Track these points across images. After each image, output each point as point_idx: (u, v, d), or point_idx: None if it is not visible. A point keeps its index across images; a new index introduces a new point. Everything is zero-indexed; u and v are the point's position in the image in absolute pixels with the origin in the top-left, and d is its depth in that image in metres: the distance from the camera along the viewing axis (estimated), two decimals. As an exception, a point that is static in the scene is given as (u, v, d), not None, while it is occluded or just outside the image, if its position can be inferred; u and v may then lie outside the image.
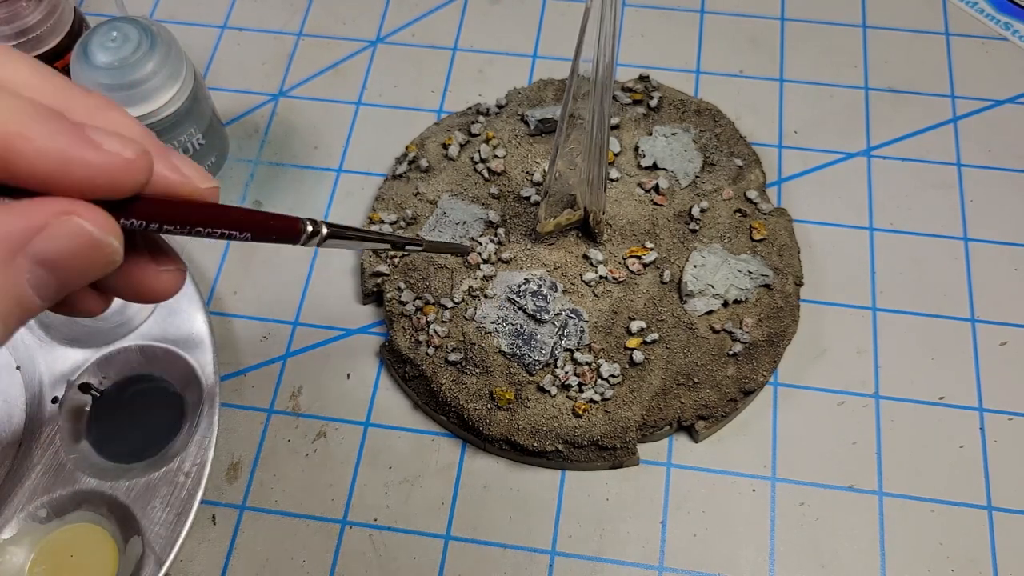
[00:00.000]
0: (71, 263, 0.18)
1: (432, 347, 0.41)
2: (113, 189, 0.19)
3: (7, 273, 0.18)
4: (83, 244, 0.18)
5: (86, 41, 0.39)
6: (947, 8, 0.53)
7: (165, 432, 0.40)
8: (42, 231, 0.18)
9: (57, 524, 0.38)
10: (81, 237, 0.18)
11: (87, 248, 0.18)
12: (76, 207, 0.18)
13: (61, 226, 0.18)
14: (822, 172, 0.48)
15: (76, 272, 0.19)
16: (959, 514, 0.39)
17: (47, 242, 0.18)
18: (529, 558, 0.38)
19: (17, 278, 0.18)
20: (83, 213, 0.18)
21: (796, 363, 0.42)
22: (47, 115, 0.18)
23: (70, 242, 0.18)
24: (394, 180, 0.46)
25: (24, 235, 0.18)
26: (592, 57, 0.32)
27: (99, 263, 0.19)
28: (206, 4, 0.55)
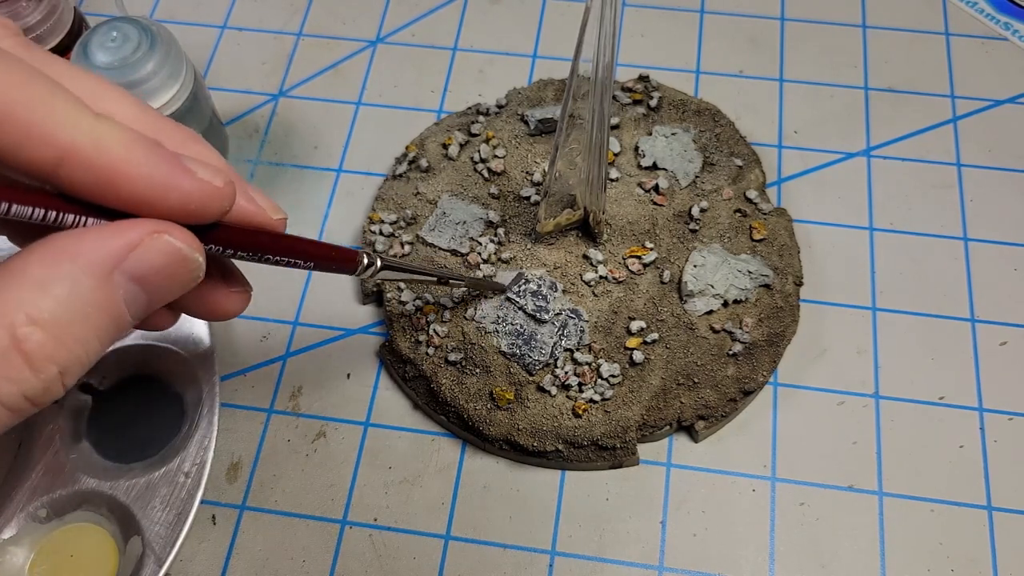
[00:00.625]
0: (161, 279, 0.20)
1: (432, 347, 0.41)
2: (201, 215, 0.20)
3: (104, 289, 0.19)
4: (173, 260, 0.20)
5: (86, 41, 0.39)
6: (947, 8, 0.53)
7: (165, 432, 0.40)
8: (136, 249, 0.19)
9: (57, 524, 0.38)
10: (172, 254, 0.20)
11: (176, 264, 0.20)
12: (166, 227, 0.19)
13: (154, 243, 0.19)
14: (822, 172, 0.48)
15: (165, 288, 0.20)
16: (959, 514, 0.39)
17: (141, 259, 0.19)
18: (529, 558, 0.38)
19: (113, 294, 0.19)
20: (173, 232, 0.20)
21: (796, 363, 0.42)
22: (149, 143, 0.19)
23: (161, 258, 0.19)
24: (394, 180, 0.46)
25: (121, 252, 0.19)
26: (592, 57, 0.32)
27: (185, 279, 0.20)
28: (206, 4, 0.55)
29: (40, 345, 0.18)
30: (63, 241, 0.19)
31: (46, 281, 0.18)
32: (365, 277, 0.30)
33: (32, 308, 0.18)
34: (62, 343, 0.18)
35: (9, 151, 0.18)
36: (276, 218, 0.24)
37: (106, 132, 0.18)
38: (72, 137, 0.18)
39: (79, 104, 0.19)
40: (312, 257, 0.26)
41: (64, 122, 0.18)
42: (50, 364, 0.18)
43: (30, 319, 0.18)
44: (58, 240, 0.19)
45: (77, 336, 0.18)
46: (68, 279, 0.18)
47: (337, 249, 0.28)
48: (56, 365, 0.18)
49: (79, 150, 0.18)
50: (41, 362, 0.18)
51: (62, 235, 0.19)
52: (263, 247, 0.24)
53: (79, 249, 0.18)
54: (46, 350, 0.18)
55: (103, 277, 0.19)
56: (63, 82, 0.20)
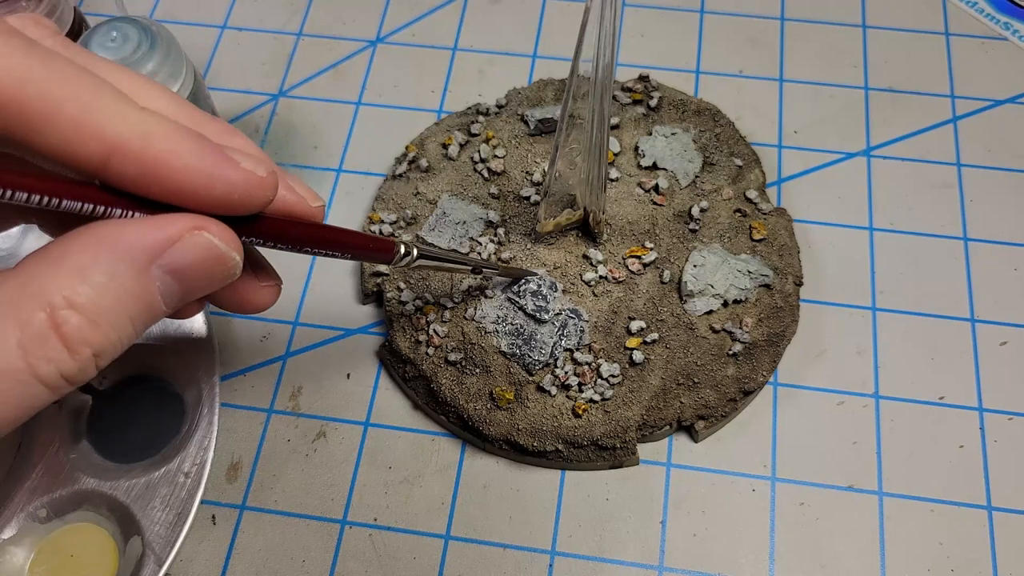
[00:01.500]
0: (197, 274, 0.20)
1: (432, 347, 0.41)
2: (245, 205, 0.21)
3: (142, 279, 0.19)
4: (210, 257, 0.20)
5: (86, 41, 0.39)
6: (947, 8, 0.53)
7: (165, 432, 0.40)
8: (175, 243, 0.19)
9: (57, 524, 0.38)
10: (210, 251, 0.20)
11: (213, 261, 0.20)
12: (206, 223, 0.20)
13: (192, 239, 0.20)
14: (822, 172, 0.48)
15: (201, 283, 0.21)
16: (959, 514, 0.39)
17: (179, 253, 0.20)
18: (529, 558, 0.38)
19: (150, 285, 0.20)
20: (212, 229, 0.20)
21: (796, 363, 0.42)
22: (194, 135, 0.20)
23: (199, 254, 0.20)
24: (394, 180, 0.46)
25: (160, 246, 0.19)
26: (592, 57, 0.32)
27: (221, 276, 0.21)
28: (206, 4, 0.55)
29: (77, 328, 0.18)
30: (104, 230, 0.19)
31: (86, 268, 0.18)
32: (401, 267, 0.30)
33: (71, 292, 0.18)
34: (98, 327, 0.19)
35: (60, 148, 0.18)
36: (315, 206, 0.24)
37: (152, 125, 0.19)
38: (119, 131, 0.18)
39: (125, 99, 0.19)
40: (350, 248, 0.26)
41: (112, 117, 0.18)
42: (86, 347, 0.19)
43: (68, 303, 0.18)
44: (99, 229, 0.19)
45: (112, 322, 0.19)
46: (107, 267, 0.19)
47: (374, 240, 0.28)
48: (91, 348, 0.19)
49: (127, 144, 0.18)
50: (77, 344, 0.18)
51: (103, 224, 0.19)
52: (303, 239, 0.24)
53: (120, 240, 0.19)
54: (83, 333, 0.18)
55: (141, 268, 0.19)
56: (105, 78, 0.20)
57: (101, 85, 0.19)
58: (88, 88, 0.18)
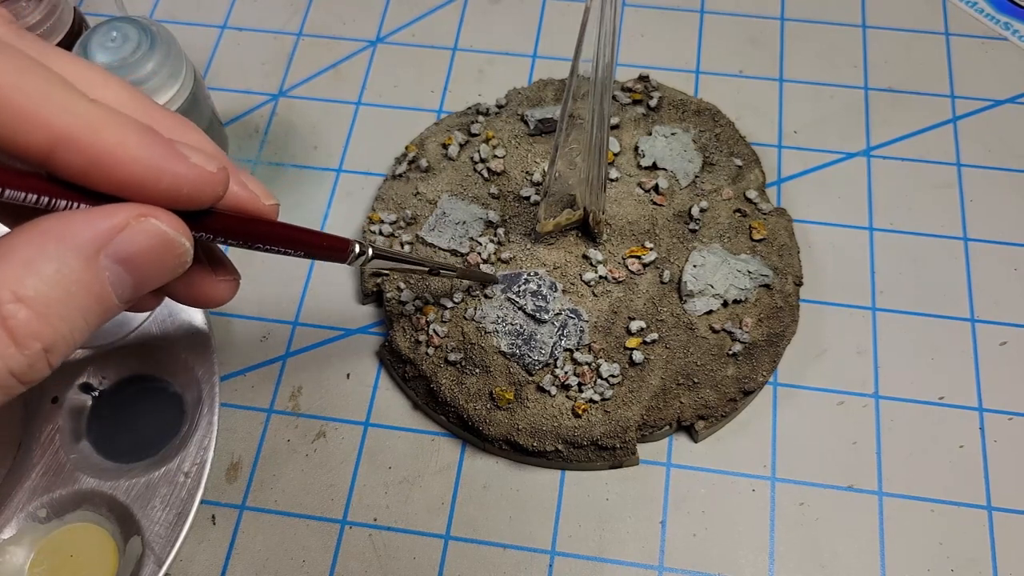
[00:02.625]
0: (147, 262, 0.20)
1: (432, 347, 0.41)
2: (194, 200, 0.20)
3: (90, 270, 0.19)
4: (159, 243, 0.20)
5: (86, 41, 0.39)
6: (947, 8, 0.53)
7: (165, 432, 0.40)
8: (122, 231, 0.19)
9: (57, 524, 0.38)
10: (157, 236, 0.20)
11: (162, 247, 0.20)
12: (152, 210, 0.20)
13: (139, 226, 0.19)
14: (822, 172, 0.48)
15: (151, 272, 0.20)
16: (959, 514, 0.39)
17: (127, 241, 0.19)
18: (529, 558, 0.38)
19: (99, 275, 0.19)
20: (159, 215, 0.20)
21: (796, 363, 0.42)
22: (143, 128, 0.19)
23: (147, 241, 0.20)
24: (394, 180, 0.46)
25: (106, 234, 0.19)
26: (592, 57, 0.32)
27: (172, 264, 0.21)
28: (206, 4, 0.55)
29: (25, 322, 0.18)
30: (50, 223, 0.19)
31: (32, 260, 0.18)
32: (356, 265, 0.30)
33: (18, 286, 0.18)
34: (47, 321, 0.18)
35: (5, 136, 0.18)
36: (268, 204, 0.24)
37: (100, 117, 0.19)
38: (67, 122, 0.18)
39: (74, 90, 0.19)
40: (303, 245, 0.26)
41: (59, 107, 0.18)
42: (34, 341, 0.18)
43: (15, 296, 0.18)
44: (45, 222, 0.19)
45: (62, 315, 0.19)
46: (54, 259, 0.18)
47: (328, 237, 0.28)
48: (40, 342, 0.18)
49: (73, 134, 0.18)
50: (25, 339, 0.18)
51: (50, 217, 0.19)
52: (255, 235, 0.24)
53: (66, 230, 0.19)
54: (31, 327, 0.18)
55: (89, 258, 0.19)
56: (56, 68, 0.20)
57: (50, 75, 0.18)
58: (36, 78, 0.18)
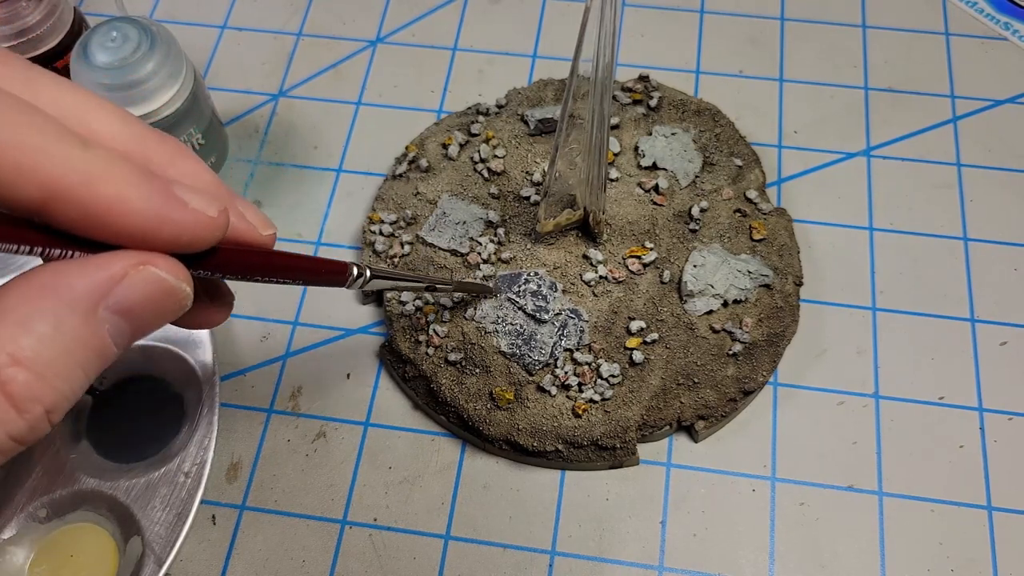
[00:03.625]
0: (147, 310, 0.19)
1: (432, 347, 0.41)
2: (194, 245, 0.20)
3: (90, 325, 0.18)
4: (159, 292, 0.19)
5: (86, 41, 0.39)
6: (947, 8, 0.53)
7: (165, 432, 0.40)
8: (121, 282, 0.18)
9: (57, 524, 0.38)
10: (157, 285, 0.19)
11: (163, 296, 0.19)
12: (151, 257, 0.19)
13: (139, 275, 0.19)
14: (822, 172, 0.48)
15: (151, 319, 0.19)
16: (959, 514, 0.39)
17: (126, 292, 0.18)
18: (529, 558, 0.38)
19: (98, 329, 0.18)
20: (158, 263, 0.19)
21: (796, 363, 0.42)
22: (141, 176, 0.18)
23: (147, 290, 0.19)
24: (394, 180, 0.46)
25: (104, 286, 0.18)
26: (592, 57, 0.32)
27: (172, 309, 0.20)
28: (206, 4, 0.55)
29: (25, 386, 0.17)
30: (45, 276, 0.18)
31: (28, 319, 0.17)
32: (354, 288, 0.30)
33: (15, 348, 0.17)
34: (47, 382, 0.18)
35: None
36: (266, 234, 0.23)
37: (96, 167, 0.18)
38: (62, 174, 0.17)
39: (68, 137, 0.18)
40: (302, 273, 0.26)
41: (54, 159, 0.17)
42: (35, 404, 0.18)
43: (13, 359, 0.17)
44: (40, 275, 0.18)
45: (62, 374, 0.18)
46: (51, 316, 0.18)
47: (326, 263, 0.28)
48: (41, 405, 0.18)
49: (69, 188, 0.17)
50: (26, 403, 0.17)
51: (44, 270, 0.18)
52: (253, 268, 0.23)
53: (62, 285, 0.18)
54: (31, 390, 0.17)
55: (87, 313, 0.18)
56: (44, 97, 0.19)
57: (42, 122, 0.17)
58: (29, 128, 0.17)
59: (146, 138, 0.21)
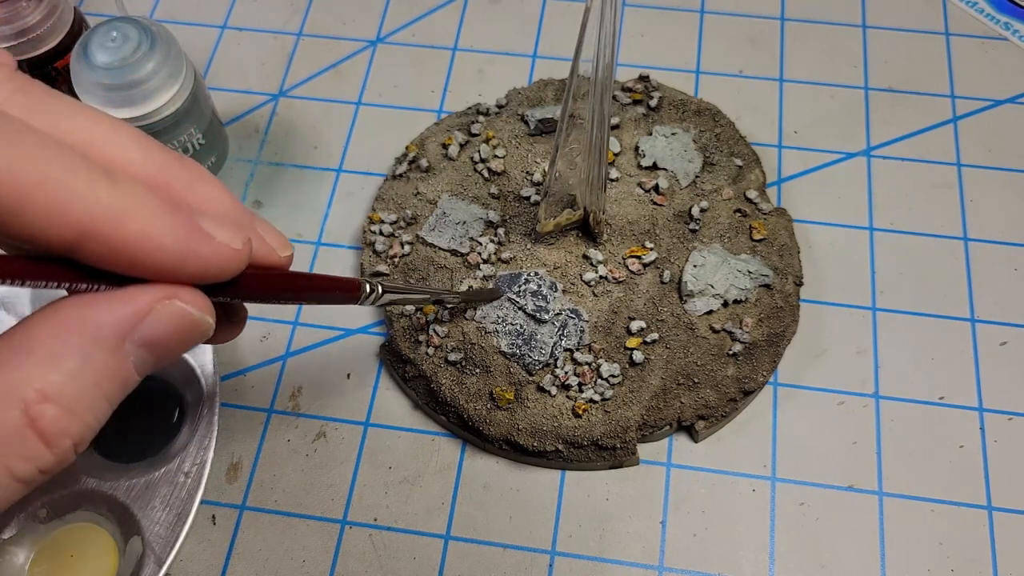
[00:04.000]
0: (171, 343, 0.19)
1: (432, 347, 0.41)
2: (219, 277, 0.20)
3: (116, 359, 0.19)
4: (184, 325, 0.19)
5: (86, 41, 0.39)
6: (947, 8, 0.53)
7: (165, 432, 0.40)
8: (146, 316, 0.19)
9: (57, 524, 0.38)
10: (182, 319, 0.19)
11: (187, 328, 0.20)
12: (176, 291, 0.19)
13: (164, 310, 0.19)
14: (822, 172, 0.48)
15: (175, 350, 0.20)
16: (959, 514, 0.39)
17: (151, 326, 0.19)
18: (529, 558, 0.38)
19: (124, 362, 0.19)
20: (183, 296, 0.19)
21: (796, 363, 0.42)
22: (167, 211, 0.18)
23: (173, 324, 0.19)
24: (394, 180, 0.46)
25: (131, 321, 0.19)
26: (592, 57, 0.32)
27: (195, 340, 0.20)
28: (206, 4, 0.55)
29: (54, 421, 0.18)
30: (71, 310, 0.18)
31: (56, 355, 0.18)
32: (367, 304, 0.30)
33: (43, 383, 0.17)
34: (75, 415, 0.18)
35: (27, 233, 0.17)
36: (284, 255, 0.24)
37: (124, 204, 0.18)
38: (92, 214, 0.17)
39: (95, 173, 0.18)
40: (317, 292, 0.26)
41: (83, 199, 0.17)
42: (65, 439, 0.18)
43: (42, 395, 0.17)
44: (65, 309, 0.18)
45: (90, 407, 0.18)
46: (79, 351, 0.18)
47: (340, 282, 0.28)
48: (70, 439, 0.18)
49: (98, 227, 0.17)
50: (56, 438, 0.18)
51: (70, 303, 0.18)
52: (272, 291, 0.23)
53: (88, 320, 0.18)
54: (60, 425, 0.18)
55: (114, 347, 0.18)
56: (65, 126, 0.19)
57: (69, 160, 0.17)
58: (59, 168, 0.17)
59: (166, 163, 0.21)
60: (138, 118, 0.40)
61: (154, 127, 0.41)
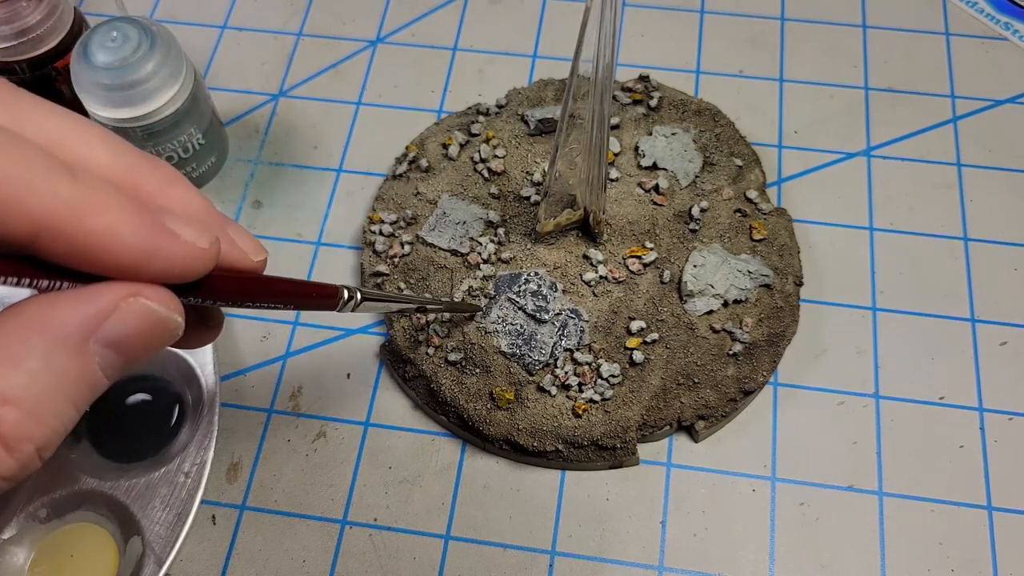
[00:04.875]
0: (138, 342, 0.19)
1: (432, 347, 0.41)
2: (185, 276, 0.19)
3: (80, 359, 0.18)
4: (150, 323, 0.19)
5: (86, 41, 0.39)
6: (947, 8, 0.53)
7: (165, 432, 0.40)
8: (111, 315, 0.18)
9: (57, 524, 0.38)
10: (148, 317, 0.19)
11: (154, 327, 0.19)
12: (142, 289, 0.19)
13: (129, 308, 0.18)
14: (822, 172, 0.48)
15: (142, 350, 0.19)
16: (959, 514, 0.39)
17: (116, 325, 0.18)
18: (529, 558, 0.38)
19: (89, 362, 0.18)
20: (148, 294, 0.19)
21: (796, 363, 0.42)
22: (130, 208, 0.18)
23: (138, 322, 0.19)
24: (394, 180, 0.46)
25: (95, 320, 0.18)
26: (592, 57, 0.32)
27: (164, 339, 0.20)
28: (206, 4, 0.55)
29: (15, 425, 0.17)
30: (32, 310, 0.18)
31: (17, 356, 0.17)
32: (346, 311, 0.30)
33: (4, 386, 0.17)
34: (38, 419, 0.17)
35: None
36: (257, 260, 0.23)
37: (85, 200, 0.17)
38: (50, 209, 0.17)
39: (55, 168, 0.17)
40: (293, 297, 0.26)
41: (42, 193, 0.17)
42: (27, 443, 0.17)
43: (2, 398, 0.17)
44: (27, 309, 0.18)
45: (53, 410, 0.18)
46: (40, 353, 0.17)
47: (317, 287, 0.28)
48: (33, 443, 0.17)
49: (57, 222, 0.17)
50: (17, 442, 0.17)
51: (31, 303, 0.18)
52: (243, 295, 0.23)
53: (50, 319, 0.18)
54: (22, 429, 0.17)
55: (78, 348, 0.18)
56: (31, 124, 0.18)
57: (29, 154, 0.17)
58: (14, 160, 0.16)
59: (136, 165, 0.21)
60: (138, 118, 0.40)
61: (154, 127, 0.41)
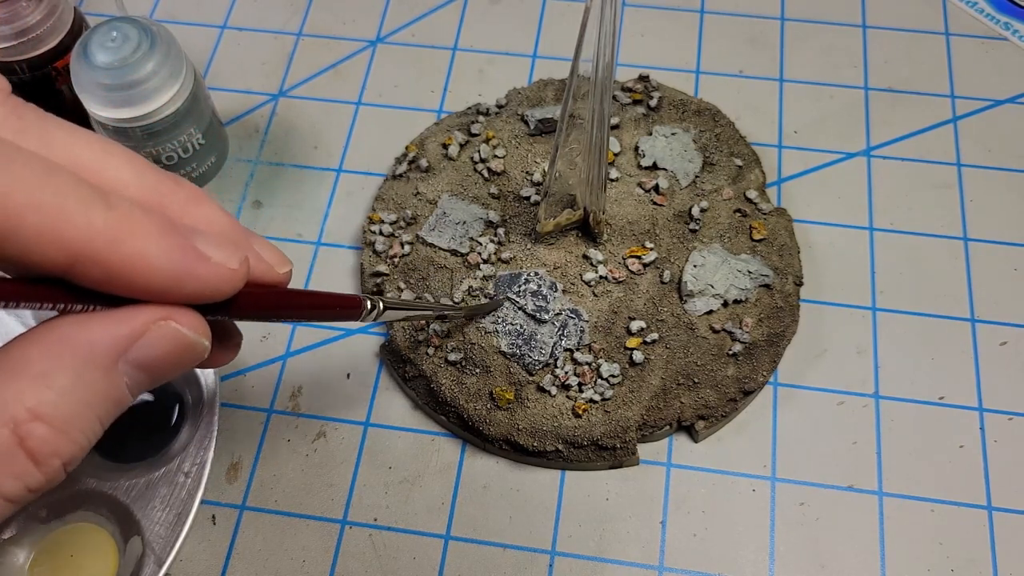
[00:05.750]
0: (166, 364, 0.19)
1: (432, 347, 0.41)
2: (215, 297, 0.20)
3: (109, 379, 0.19)
4: (179, 347, 0.19)
5: (86, 41, 0.39)
6: (947, 8, 0.53)
7: (165, 432, 0.40)
8: (141, 337, 0.19)
9: (57, 524, 0.38)
10: (178, 340, 0.19)
11: (182, 350, 0.19)
12: (172, 312, 0.19)
13: (159, 331, 0.19)
14: (822, 172, 0.48)
15: (169, 371, 0.20)
16: (959, 514, 0.39)
17: (146, 347, 0.19)
18: (529, 558, 0.38)
19: (117, 381, 0.19)
20: (178, 318, 0.19)
21: (796, 363, 0.42)
22: (163, 232, 0.18)
23: (167, 346, 0.19)
24: (394, 180, 0.46)
25: (126, 341, 0.18)
26: (592, 57, 0.32)
27: (190, 361, 0.20)
28: (206, 4, 0.55)
29: (44, 441, 0.17)
30: (65, 329, 0.18)
31: (48, 373, 0.18)
32: (368, 321, 0.30)
33: (34, 402, 0.17)
34: (66, 435, 0.18)
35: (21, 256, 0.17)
36: (283, 272, 0.23)
37: (119, 226, 0.18)
38: (87, 237, 0.17)
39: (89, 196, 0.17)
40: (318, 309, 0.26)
41: (78, 222, 0.17)
42: (55, 458, 0.18)
43: (33, 414, 0.17)
44: (60, 328, 0.18)
45: (81, 427, 0.18)
46: (71, 370, 0.18)
47: (341, 299, 0.28)
48: (60, 459, 0.18)
49: (94, 251, 0.17)
50: (46, 457, 0.18)
51: (64, 322, 0.18)
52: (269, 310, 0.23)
53: (82, 339, 0.18)
54: (51, 445, 0.18)
55: (108, 367, 0.18)
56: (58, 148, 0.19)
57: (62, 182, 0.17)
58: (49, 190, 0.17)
59: (160, 184, 0.21)
60: (138, 118, 0.40)
61: (154, 127, 0.41)
